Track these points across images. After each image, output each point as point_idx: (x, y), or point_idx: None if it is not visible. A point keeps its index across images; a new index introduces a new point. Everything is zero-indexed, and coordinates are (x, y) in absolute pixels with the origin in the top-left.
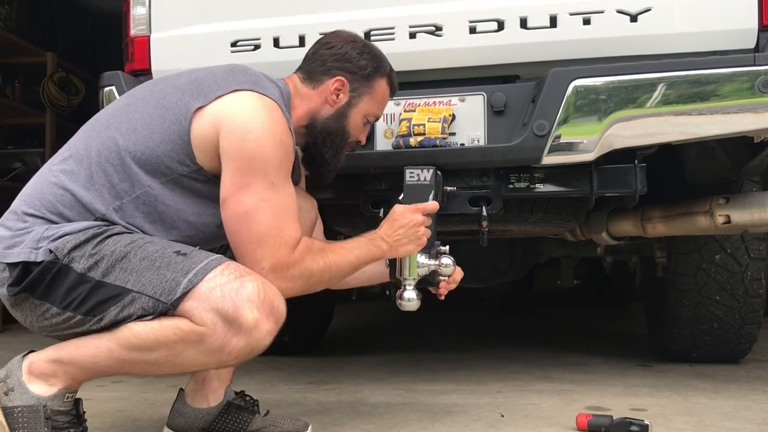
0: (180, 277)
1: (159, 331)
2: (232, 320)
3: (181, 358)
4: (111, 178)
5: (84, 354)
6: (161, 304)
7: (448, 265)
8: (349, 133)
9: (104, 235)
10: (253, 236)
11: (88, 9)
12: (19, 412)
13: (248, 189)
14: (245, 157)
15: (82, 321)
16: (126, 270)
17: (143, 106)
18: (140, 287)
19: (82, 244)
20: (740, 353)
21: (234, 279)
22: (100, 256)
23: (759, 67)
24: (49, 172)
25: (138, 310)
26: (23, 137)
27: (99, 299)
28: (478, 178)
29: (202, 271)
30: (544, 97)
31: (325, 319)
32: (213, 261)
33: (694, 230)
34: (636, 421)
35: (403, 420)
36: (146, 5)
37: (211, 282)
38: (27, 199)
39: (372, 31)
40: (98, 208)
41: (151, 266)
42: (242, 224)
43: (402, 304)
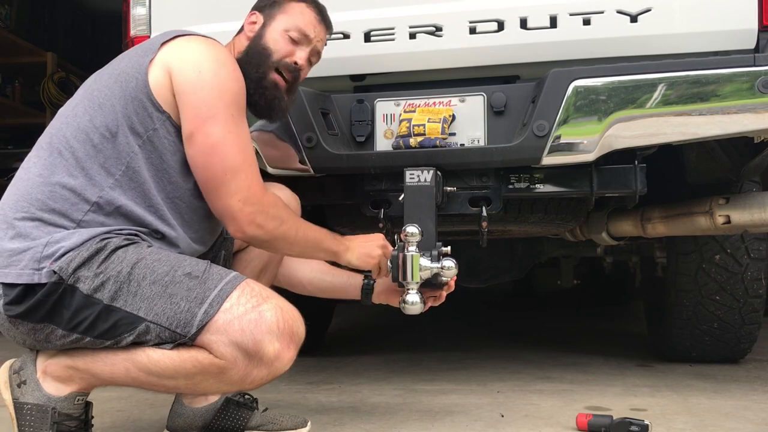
0: (195, 307)
1: (178, 362)
2: (253, 354)
3: (202, 386)
4: (96, 158)
5: (100, 368)
6: (178, 335)
7: (451, 267)
8: (269, 48)
9: (108, 250)
10: (226, 167)
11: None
12: (28, 409)
13: (213, 120)
14: (205, 87)
15: (93, 342)
16: (136, 295)
17: (99, 84)
18: (154, 317)
19: (86, 262)
20: (740, 353)
21: (252, 309)
22: (105, 277)
23: (759, 67)
24: (28, 173)
25: (154, 338)
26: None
27: (110, 324)
28: (478, 179)
29: (217, 300)
30: (544, 98)
31: (325, 319)
32: (227, 286)
33: (694, 230)
34: (636, 421)
35: (403, 420)
36: (146, 5)
37: (228, 313)
38: (14, 204)
39: (372, 31)
40: (91, 191)
41: (162, 293)
42: (213, 156)
43: (405, 307)
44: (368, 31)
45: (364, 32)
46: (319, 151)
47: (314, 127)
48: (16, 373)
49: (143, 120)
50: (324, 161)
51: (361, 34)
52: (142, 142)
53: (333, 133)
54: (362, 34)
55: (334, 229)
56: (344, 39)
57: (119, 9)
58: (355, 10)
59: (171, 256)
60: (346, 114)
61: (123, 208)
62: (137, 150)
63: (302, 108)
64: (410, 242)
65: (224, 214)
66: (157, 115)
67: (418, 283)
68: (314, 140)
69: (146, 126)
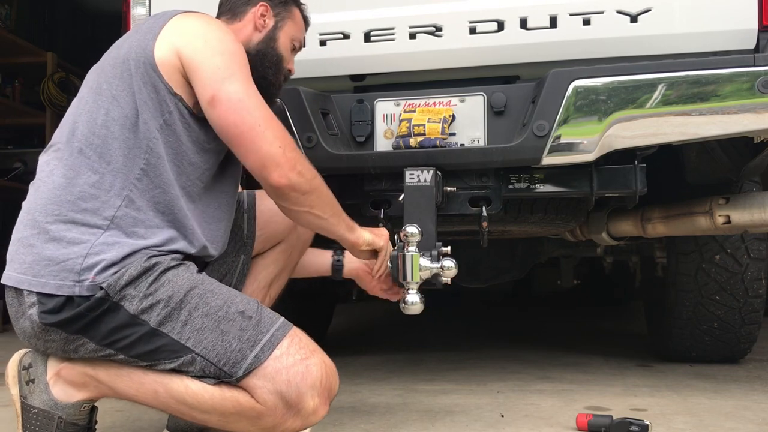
0: (246, 350)
1: (218, 400)
2: (293, 405)
3: (232, 425)
4: (120, 150)
5: (125, 385)
6: (224, 374)
7: (450, 267)
8: (282, 55)
9: (157, 271)
10: (258, 118)
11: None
12: (34, 413)
13: (233, 78)
14: (215, 53)
15: (124, 361)
16: (186, 324)
17: (105, 76)
18: (202, 350)
19: (135, 281)
20: (740, 353)
21: (300, 361)
22: (155, 300)
23: (759, 67)
24: (51, 176)
25: (197, 371)
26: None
27: (152, 348)
28: (478, 179)
29: (268, 346)
30: (544, 98)
31: (325, 319)
32: (278, 332)
33: (694, 230)
34: (636, 421)
35: (403, 420)
36: (146, 5)
37: (277, 362)
38: (43, 208)
39: (372, 31)
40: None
41: (214, 328)
42: (242, 110)
43: (405, 307)
44: (368, 31)
45: (364, 32)
46: (319, 151)
47: (314, 127)
48: (26, 370)
49: (158, 104)
50: (324, 161)
51: (361, 34)
52: (160, 126)
53: (333, 133)
54: (362, 34)
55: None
56: (344, 39)
57: (119, 9)
58: (355, 10)
59: (223, 288)
60: (346, 114)
61: (152, 199)
62: (157, 135)
63: (302, 108)
64: (410, 242)
65: (266, 162)
66: (170, 97)
67: (418, 283)
68: (314, 140)
69: (162, 110)
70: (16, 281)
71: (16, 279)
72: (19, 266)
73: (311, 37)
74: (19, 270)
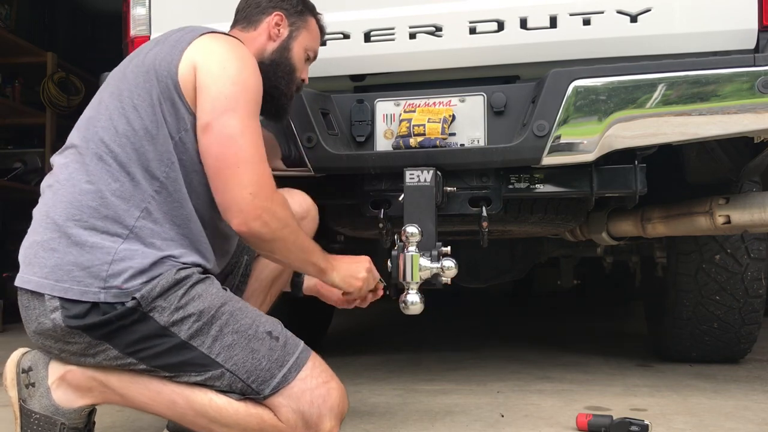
0: (275, 369)
1: (243, 415)
2: (312, 426)
3: None
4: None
5: (139, 394)
6: (252, 391)
7: (450, 267)
8: (295, 65)
9: (188, 285)
10: (240, 159)
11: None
12: (36, 419)
13: (233, 112)
14: (227, 82)
15: (146, 370)
16: (216, 339)
17: (128, 83)
18: (232, 366)
19: (166, 293)
20: (740, 353)
21: (322, 383)
22: (186, 313)
23: (759, 67)
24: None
25: (224, 386)
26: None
27: (180, 361)
28: (478, 179)
29: (295, 367)
30: (544, 98)
31: (325, 319)
32: (303, 355)
33: (694, 230)
34: (636, 421)
35: (403, 420)
36: (146, 5)
37: (303, 383)
38: (64, 212)
39: (372, 31)
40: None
41: (245, 345)
42: (229, 147)
43: (405, 307)
44: (368, 31)
45: (364, 32)
46: (319, 151)
47: (314, 127)
48: (25, 373)
49: (176, 121)
50: (324, 161)
51: (361, 34)
52: (175, 144)
53: (333, 133)
54: (362, 34)
55: (334, 229)
56: (344, 39)
57: (119, 9)
58: (355, 10)
59: (249, 306)
60: (346, 114)
61: (169, 212)
62: (172, 150)
63: (302, 108)
64: (410, 242)
65: (231, 205)
66: (187, 116)
67: (418, 283)
68: (314, 140)
69: (179, 127)
70: (37, 285)
71: (36, 283)
72: (39, 270)
73: None
74: (39, 274)
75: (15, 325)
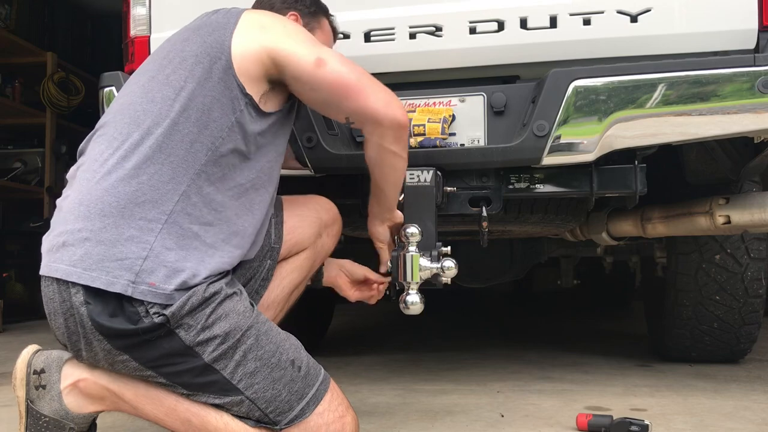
0: (294, 401)
1: None
2: None
3: None
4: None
5: (152, 408)
6: (269, 420)
7: (450, 267)
8: None
9: (216, 301)
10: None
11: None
12: (45, 422)
13: (324, 49)
14: (300, 37)
15: (164, 384)
16: (239, 365)
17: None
18: (252, 394)
19: (194, 312)
20: (740, 353)
21: (338, 418)
22: (212, 334)
23: (759, 67)
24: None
25: (242, 413)
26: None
27: (201, 381)
28: (478, 179)
29: (314, 401)
30: (544, 98)
31: (325, 319)
32: (322, 386)
33: (694, 230)
34: (636, 421)
35: (403, 420)
36: (146, 5)
37: (320, 418)
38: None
39: (372, 31)
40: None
41: (267, 375)
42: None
43: (405, 308)
44: (368, 31)
45: (364, 32)
46: (319, 151)
47: (314, 127)
48: (37, 374)
49: (230, 102)
50: (324, 161)
51: (361, 34)
52: (231, 125)
53: (333, 133)
54: (362, 34)
55: None
56: (344, 39)
57: (119, 9)
58: (355, 10)
59: (274, 329)
60: None
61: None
62: (225, 134)
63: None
64: (410, 242)
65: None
66: (242, 97)
67: (418, 284)
68: (314, 140)
69: (234, 108)
70: (64, 273)
71: (64, 271)
72: (68, 258)
73: None
74: (67, 262)
75: (15, 325)
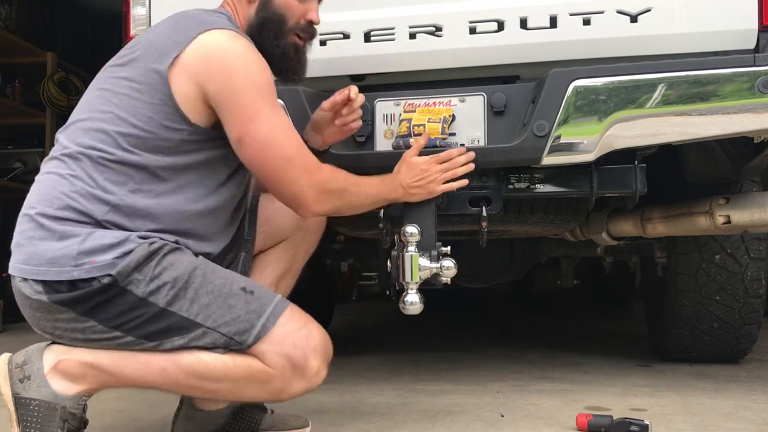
0: (254, 319)
1: (230, 365)
2: (299, 367)
3: (241, 392)
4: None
5: (130, 367)
6: (234, 343)
7: (450, 267)
8: (283, 14)
9: (160, 255)
10: (282, 158)
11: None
12: (36, 405)
13: (257, 119)
14: (238, 90)
15: (132, 342)
16: (193, 301)
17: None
18: (212, 323)
19: (140, 266)
20: (740, 353)
21: (302, 326)
22: (162, 282)
23: (759, 67)
24: (49, 175)
25: (208, 344)
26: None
27: (162, 327)
28: (478, 179)
29: (274, 315)
30: (544, 98)
31: (325, 319)
32: (280, 303)
33: (694, 230)
34: (636, 421)
35: (403, 420)
36: (146, 5)
37: (283, 328)
38: (38, 203)
39: (372, 31)
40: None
41: (221, 303)
42: (267, 152)
43: (405, 308)
44: (368, 31)
45: (364, 32)
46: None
47: None
48: (19, 368)
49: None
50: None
51: (361, 34)
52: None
53: None
54: (362, 34)
55: (333, 229)
56: (344, 39)
57: (119, 9)
58: (355, 10)
59: (221, 268)
60: None
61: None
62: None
63: (302, 108)
64: (410, 242)
65: (292, 201)
66: (185, 126)
67: (418, 283)
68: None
69: (173, 137)
70: (19, 271)
71: (19, 269)
72: (22, 257)
73: None
74: (21, 261)
75: (15, 325)
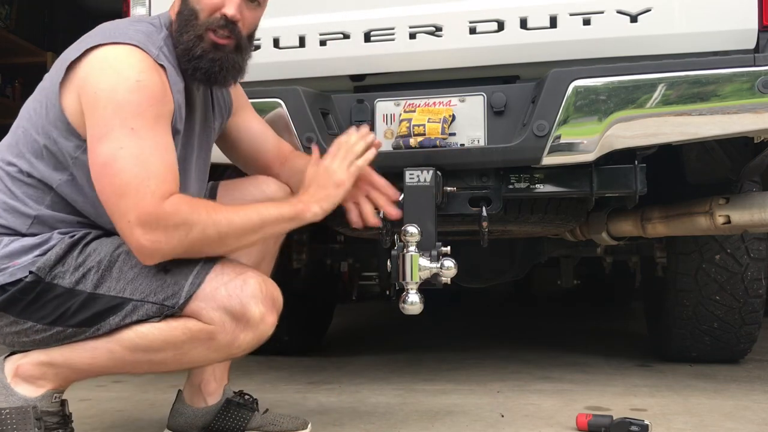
0: (182, 280)
1: (167, 332)
2: (240, 316)
3: (190, 356)
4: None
5: (80, 357)
6: (166, 308)
7: (450, 267)
8: (194, 8)
9: (82, 244)
10: (115, 187)
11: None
12: (7, 414)
13: (104, 138)
14: (98, 107)
15: (74, 333)
16: (119, 279)
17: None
18: (140, 295)
19: (63, 258)
20: (740, 353)
21: (235, 276)
22: (86, 268)
23: (759, 67)
24: None
25: (142, 316)
26: None
27: (95, 311)
28: (478, 179)
29: (201, 272)
30: (544, 98)
31: (325, 319)
32: (208, 262)
33: (694, 230)
34: (636, 421)
35: (403, 420)
36: (146, 5)
37: (214, 281)
38: None
39: (372, 31)
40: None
41: (146, 273)
42: (103, 177)
43: (405, 308)
44: (368, 31)
45: (364, 32)
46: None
47: (314, 127)
48: None
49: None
50: None
51: (361, 34)
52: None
53: (333, 133)
54: (362, 34)
55: (333, 229)
56: (344, 39)
57: (119, 9)
58: (355, 10)
59: None
60: (346, 114)
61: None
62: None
63: (302, 108)
64: (410, 242)
65: (121, 233)
66: (78, 142)
67: (418, 283)
68: (314, 140)
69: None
70: None
71: None
72: None
73: (311, 37)
74: None
75: None
